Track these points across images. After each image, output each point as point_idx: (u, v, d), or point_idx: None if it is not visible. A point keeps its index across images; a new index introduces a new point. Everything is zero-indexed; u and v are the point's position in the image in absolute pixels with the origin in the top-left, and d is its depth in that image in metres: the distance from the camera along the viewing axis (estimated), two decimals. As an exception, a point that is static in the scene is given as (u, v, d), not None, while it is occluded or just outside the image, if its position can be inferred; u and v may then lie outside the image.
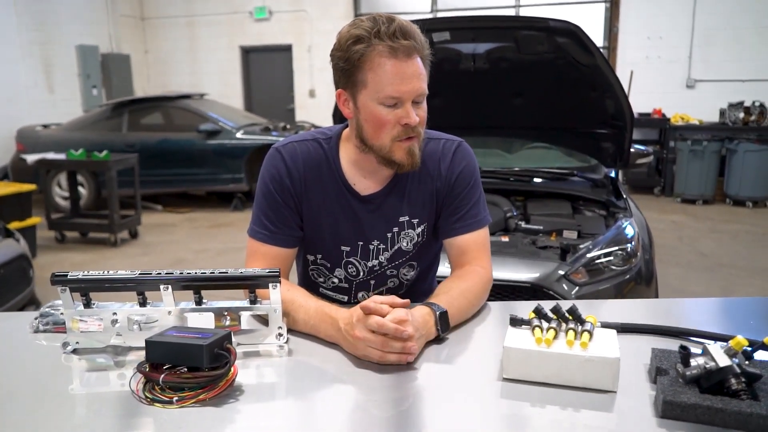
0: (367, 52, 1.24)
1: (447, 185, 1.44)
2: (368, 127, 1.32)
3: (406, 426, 0.96)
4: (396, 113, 1.28)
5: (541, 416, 0.97)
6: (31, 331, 1.29)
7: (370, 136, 1.33)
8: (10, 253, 3.78)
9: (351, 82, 1.30)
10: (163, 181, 7.47)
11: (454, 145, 1.46)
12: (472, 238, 1.43)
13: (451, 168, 1.44)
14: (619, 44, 8.87)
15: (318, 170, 1.42)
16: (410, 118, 1.28)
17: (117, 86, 10.16)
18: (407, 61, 1.25)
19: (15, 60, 8.50)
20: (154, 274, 1.13)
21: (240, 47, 10.73)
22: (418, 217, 1.45)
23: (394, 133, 1.30)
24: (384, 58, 1.24)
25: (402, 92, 1.26)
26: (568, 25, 2.82)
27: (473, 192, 1.45)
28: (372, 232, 1.44)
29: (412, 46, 1.25)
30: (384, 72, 1.25)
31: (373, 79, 1.26)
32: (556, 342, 1.03)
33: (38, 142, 7.49)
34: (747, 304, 1.72)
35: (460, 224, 1.43)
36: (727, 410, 0.87)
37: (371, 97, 1.28)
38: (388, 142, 1.31)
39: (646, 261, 2.88)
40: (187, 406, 0.97)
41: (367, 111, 1.30)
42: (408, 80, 1.25)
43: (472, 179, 1.45)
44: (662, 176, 8.33)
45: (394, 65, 1.24)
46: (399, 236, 1.45)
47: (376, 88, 1.26)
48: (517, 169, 3.64)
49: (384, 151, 1.33)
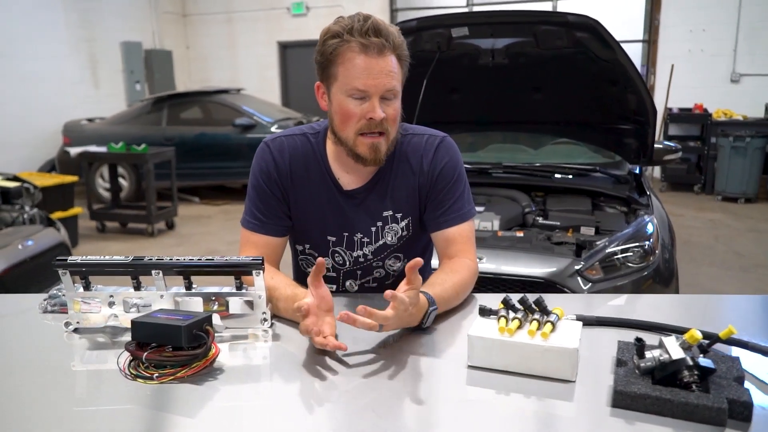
0: (339, 46, 1.31)
1: (430, 180, 1.48)
2: (337, 119, 1.39)
3: (378, 409, 1.00)
4: (362, 107, 1.34)
5: (505, 404, 1.00)
6: (40, 312, 1.39)
7: (338, 128, 1.39)
8: (50, 241, 3.97)
9: (325, 75, 1.37)
10: (200, 174, 7.68)
11: (437, 141, 1.50)
12: (457, 231, 1.47)
13: (434, 163, 1.48)
14: (660, 37, 8.65)
15: (304, 163, 1.48)
16: (375, 113, 1.33)
17: (159, 81, 10.46)
18: (377, 57, 1.31)
19: (63, 56, 8.84)
20: (146, 260, 1.20)
21: (278, 42, 10.90)
22: (401, 211, 1.49)
23: (358, 126, 1.36)
24: (354, 53, 1.31)
25: (368, 86, 1.31)
26: (587, 19, 2.80)
27: (456, 186, 1.48)
28: (356, 224, 1.49)
29: (383, 44, 1.31)
30: (353, 66, 1.31)
31: (343, 73, 1.33)
32: (519, 332, 1.06)
33: (83, 135, 7.79)
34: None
35: (444, 218, 1.47)
36: (675, 401, 0.89)
37: (341, 90, 1.34)
38: (352, 135, 1.37)
39: (666, 259, 2.84)
40: (167, 382, 1.04)
41: (336, 103, 1.37)
42: (375, 75, 1.31)
43: (455, 174, 1.49)
44: (702, 173, 8.11)
45: (363, 60, 1.30)
46: (383, 231, 1.50)
47: (345, 81, 1.33)
48: (538, 164, 3.62)
49: (349, 144, 1.39)
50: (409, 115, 3.24)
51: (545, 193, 3.46)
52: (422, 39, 3.10)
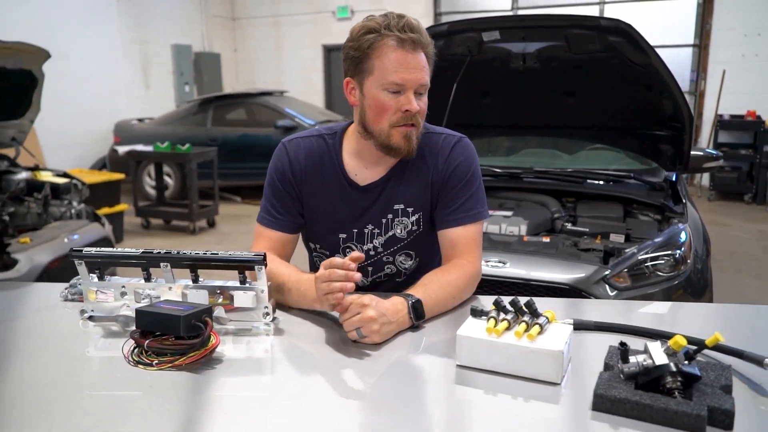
0: (376, 41, 1.36)
1: (442, 178, 1.50)
2: (371, 112, 1.42)
3: (371, 405, 1.03)
4: (398, 100, 1.38)
5: (491, 404, 1.01)
6: (61, 300, 1.47)
7: (371, 121, 1.43)
8: (94, 236, 4.14)
9: (359, 69, 1.41)
10: (243, 174, 7.85)
11: (454, 140, 1.53)
12: (463, 232, 1.48)
13: (448, 162, 1.50)
14: (711, 42, 8.38)
15: (320, 163, 1.53)
16: (411, 105, 1.38)
17: (207, 83, 10.75)
18: (412, 53, 1.36)
19: (116, 58, 9.20)
20: (155, 253, 1.26)
21: (322, 46, 11.04)
22: (412, 206, 1.52)
23: (393, 119, 1.40)
24: (391, 47, 1.36)
25: (405, 80, 1.36)
26: (620, 23, 2.76)
27: (469, 186, 1.50)
28: (368, 217, 1.53)
29: (418, 40, 1.37)
30: (390, 60, 1.36)
31: (379, 67, 1.37)
32: (508, 333, 1.07)
33: (132, 134, 8.08)
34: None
35: (452, 217, 1.49)
36: (654, 407, 0.89)
37: (376, 84, 1.39)
38: (387, 127, 1.41)
39: (699, 269, 2.77)
40: (165, 369, 1.09)
41: (371, 96, 1.41)
42: (412, 70, 1.36)
43: (469, 174, 1.50)
44: (754, 182, 7.81)
45: (400, 55, 1.36)
46: (393, 223, 1.53)
47: (382, 75, 1.37)
48: (570, 170, 3.58)
49: (383, 136, 1.42)
50: (438, 118, 3.27)
51: (577, 199, 3.41)
52: (453, 42, 3.11)
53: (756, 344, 1.11)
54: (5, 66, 3.70)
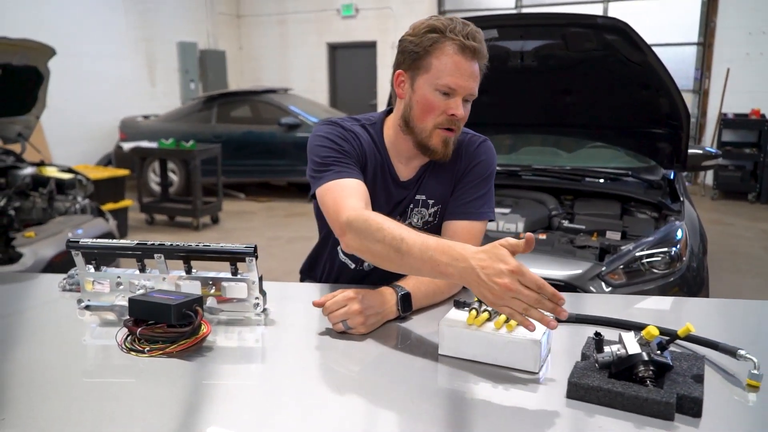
0: (439, 41, 1.38)
1: (462, 173, 1.54)
2: (417, 108, 1.44)
3: (357, 392, 1.06)
4: (446, 102, 1.41)
5: (470, 392, 1.04)
6: (60, 290, 1.51)
7: (416, 117, 1.45)
8: (98, 231, 4.19)
9: (415, 65, 1.43)
10: (247, 171, 7.91)
11: (479, 140, 1.57)
12: (466, 227, 1.51)
13: (468, 159, 1.55)
14: (716, 40, 8.37)
15: (369, 150, 1.53)
16: (458, 110, 1.40)
17: (213, 81, 10.81)
18: (471, 60, 1.39)
19: (122, 56, 9.26)
20: (149, 245, 1.30)
21: (327, 44, 11.09)
22: (433, 198, 1.56)
23: (438, 120, 1.43)
24: (452, 51, 1.38)
25: (458, 85, 1.39)
26: (616, 21, 2.78)
27: (483, 185, 1.54)
28: (397, 209, 1.56)
29: (479, 50, 1.39)
30: (448, 63, 1.38)
31: (437, 67, 1.39)
32: (488, 324, 1.10)
33: (138, 131, 8.14)
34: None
35: (459, 210, 1.53)
36: (626, 394, 0.92)
37: (429, 83, 1.41)
38: (430, 127, 1.44)
39: (694, 267, 2.79)
40: (156, 356, 1.13)
41: (421, 93, 1.43)
42: (467, 77, 1.39)
43: (486, 173, 1.54)
44: (758, 181, 7.80)
45: (459, 60, 1.38)
46: (411, 211, 1.56)
47: (437, 75, 1.39)
48: (569, 168, 3.60)
49: (423, 135, 1.45)
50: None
51: (575, 197, 3.43)
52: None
53: (741, 338, 1.13)
54: (11, 62, 3.75)
